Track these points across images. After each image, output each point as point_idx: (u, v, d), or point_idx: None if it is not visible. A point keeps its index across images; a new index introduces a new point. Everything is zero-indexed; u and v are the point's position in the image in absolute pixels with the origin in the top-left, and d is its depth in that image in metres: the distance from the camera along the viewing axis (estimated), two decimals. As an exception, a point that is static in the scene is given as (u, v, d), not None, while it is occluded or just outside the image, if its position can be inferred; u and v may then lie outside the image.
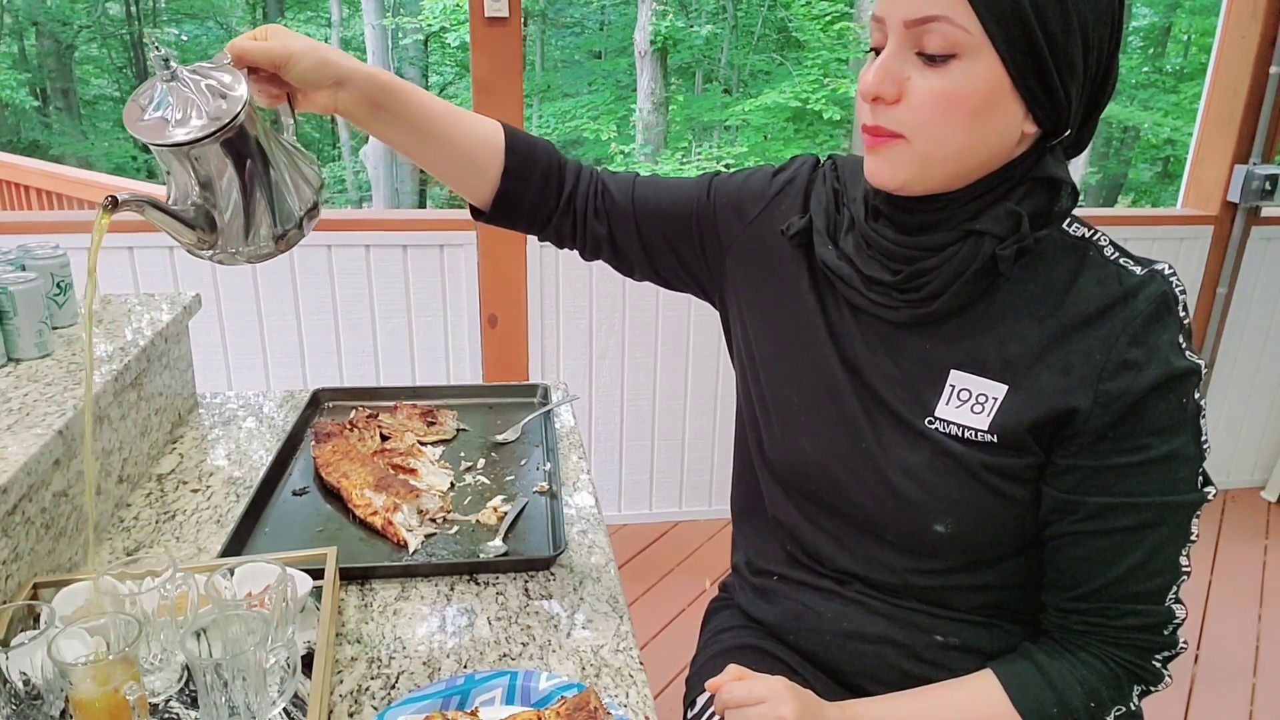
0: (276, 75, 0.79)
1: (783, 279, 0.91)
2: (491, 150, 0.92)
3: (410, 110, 0.87)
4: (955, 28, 0.68)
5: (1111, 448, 0.76)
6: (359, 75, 0.82)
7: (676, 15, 9.45)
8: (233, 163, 0.74)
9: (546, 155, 0.96)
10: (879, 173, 0.77)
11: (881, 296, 0.82)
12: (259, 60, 0.77)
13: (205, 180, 0.73)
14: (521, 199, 0.95)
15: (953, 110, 0.71)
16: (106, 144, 12.84)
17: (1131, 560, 0.77)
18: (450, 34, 10.46)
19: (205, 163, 0.73)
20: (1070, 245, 0.80)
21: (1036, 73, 0.70)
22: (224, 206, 0.75)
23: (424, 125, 0.88)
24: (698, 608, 2.37)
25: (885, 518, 0.85)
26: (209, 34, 13.92)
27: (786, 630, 0.96)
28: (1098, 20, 0.70)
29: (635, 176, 0.99)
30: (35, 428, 0.95)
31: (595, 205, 0.97)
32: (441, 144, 0.90)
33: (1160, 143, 10.89)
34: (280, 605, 0.78)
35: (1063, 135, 0.74)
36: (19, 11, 12.08)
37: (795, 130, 9.25)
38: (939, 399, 0.81)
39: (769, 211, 0.93)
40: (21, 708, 0.73)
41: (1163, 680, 0.82)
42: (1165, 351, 0.74)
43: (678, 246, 0.98)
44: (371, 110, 0.84)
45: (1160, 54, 11.83)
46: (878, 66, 0.73)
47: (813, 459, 0.89)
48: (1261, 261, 2.82)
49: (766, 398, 0.92)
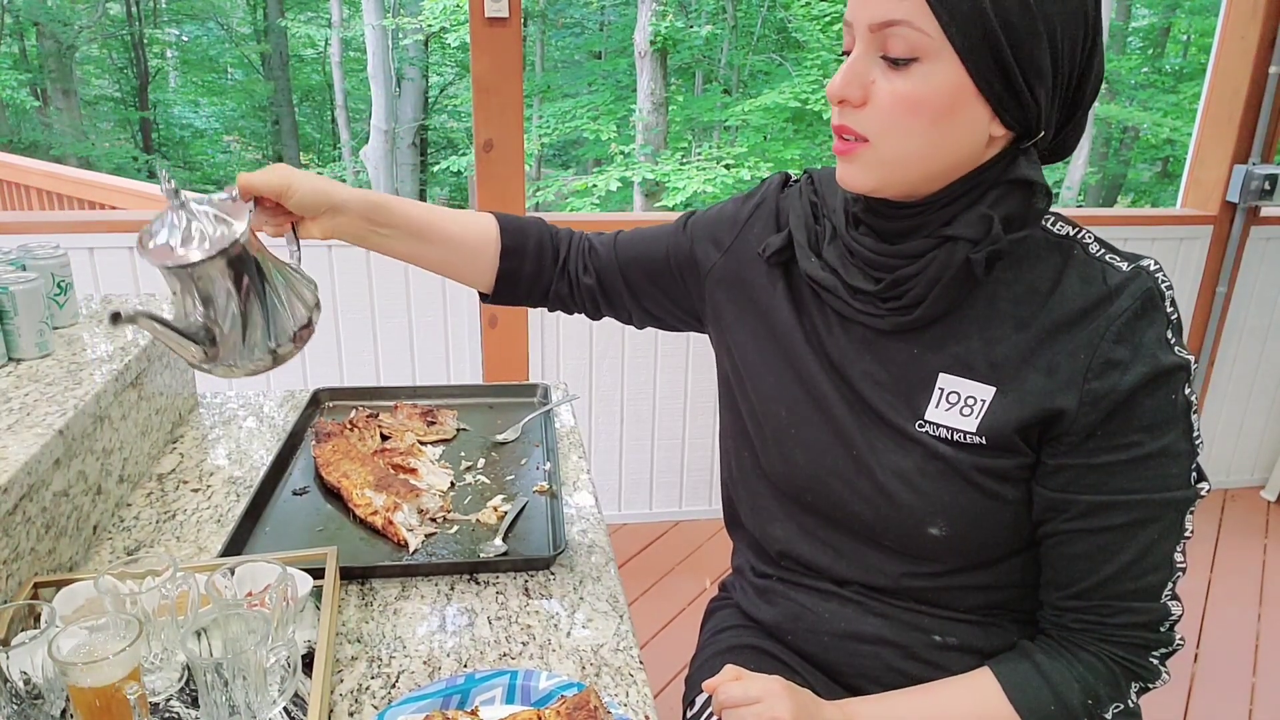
0: (281, 206, 0.86)
1: (762, 298, 0.93)
2: (486, 237, 1.00)
3: (405, 220, 0.94)
4: (916, 31, 0.69)
5: (1101, 446, 0.76)
6: (354, 199, 0.90)
7: (676, 16, 9.45)
8: (232, 282, 0.79)
9: (538, 229, 1.03)
10: (848, 177, 0.78)
11: (866, 305, 0.82)
12: (262, 190, 0.84)
13: (207, 298, 0.79)
14: (520, 273, 1.02)
15: (915, 113, 0.71)
16: (107, 144, 12.86)
17: (1125, 557, 0.77)
18: (450, 34, 10.45)
19: (208, 282, 0.78)
20: (1054, 244, 0.80)
21: (1000, 76, 0.70)
22: (223, 322, 0.80)
23: (420, 230, 0.96)
24: (697, 607, 2.37)
25: (881, 523, 0.85)
26: (209, 34, 13.94)
27: (785, 630, 0.97)
28: (1067, 22, 0.69)
29: (618, 233, 1.06)
30: (35, 427, 0.96)
31: (584, 262, 1.03)
32: (440, 243, 0.98)
33: (1160, 143, 10.89)
34: (280, 605, 0.79)
35: (1036, 137, 0.74)
36: (19, 11, 12.08)
37: (795, 130, 9.25)
38: (928, 402, 0.81)
39: (743, 237, 0.96)
40: (22, 707, 0.73)
41: (1160, 677, 0.82)
42: (1151, 348, 0.74)
43: (663, 285, 1.02)
44: (369, 227, 0.92)
45: (1160, 54, 11.84)
46: (844, 70, 0.74)
47: (806, 470, 0.89)
48: (1260, 261, 2.82)
49: (758, 415, 0.93)
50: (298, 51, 14.51)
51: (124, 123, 13.80)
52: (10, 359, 1.15)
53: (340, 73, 12.28)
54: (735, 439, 0.98)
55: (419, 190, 12.30)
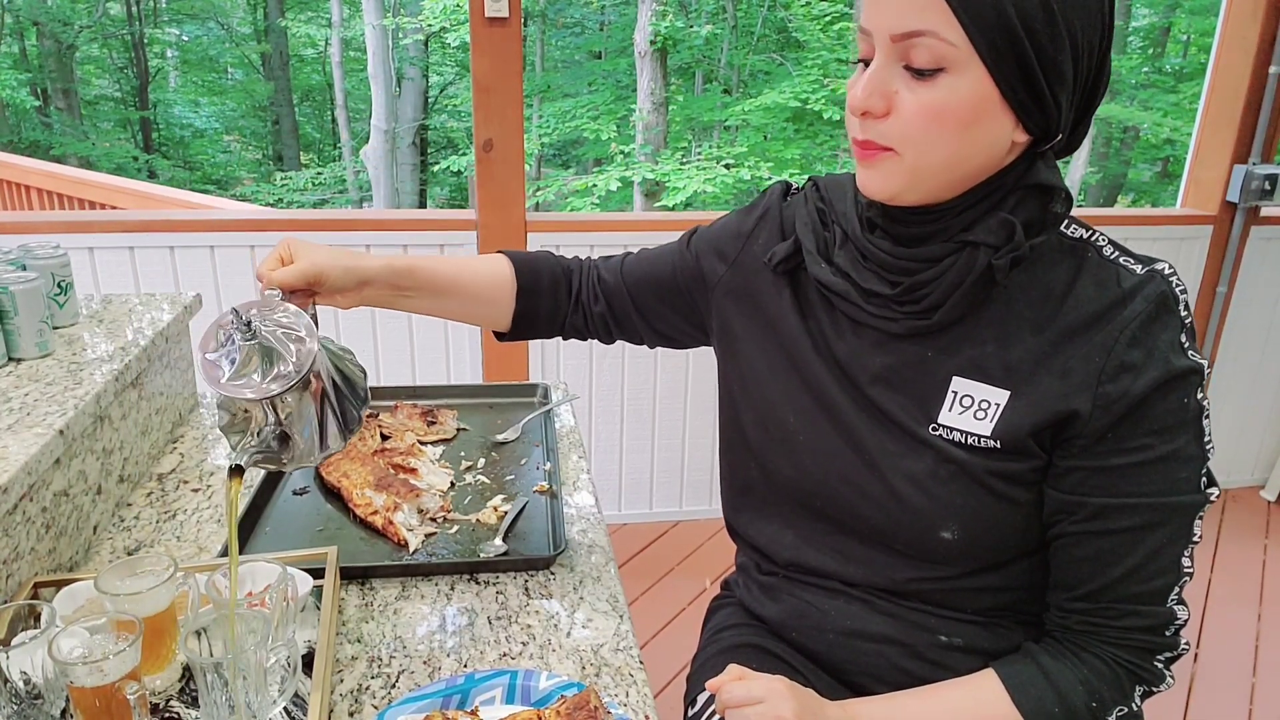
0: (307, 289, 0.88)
1: (768, 307, 0.93)
2: (503, 280, 1.03)
3: (427, 280, 0.98)
4: (942, 42, 0.68)
5: (1113, 448, 0.76)
6: (380, 271, 0.93)
7: (676, 15, 9.44)
8: (311, 393, 0.78)
9: (550, 265, 1.06)
10: (870, 184, 0.77)
11: (880, 309, 0.82)
12: (296, 286, 0.86)
13: (288, 413, 0.77)
14: (538, 312, 1.05)
15: (941, 124, 0.71)
16: (107, 144, 12.85)
17: (1133, 561, 0.77)
18: (450, 34, 10.44)
19: (290, 399, 0.77)
20: (1068, 247, 0.80)
21: (1025, 84, 0.69)
22: (302, 428, 0.79)
23: (443, 289, 1.00)
24: (697, 607, 2.37)
25: (892, 527, 0.85)
26: (209, 34, 13.93)
27: (789, 628, 0.97)
28: (1086, 25, 0.69)
29: (626, 255, 1.08)
30: (36, 427, 0.96)
31: (592, 291, 1.06)
32: (461, 297, 1.02)
33: (1160, 143, 10.87)
34: (281, 605, 0.79)
35: (1054, 140, 0.74)
36: (20, 11, 12.08)
37: (795, 130, 9.24)
38: (941, 406, 0.81)
39: (748, 248, 0.96)
40: (22, 707, 0.73)
41: (1164, 681, 0.81)
42: (1165, 351, 0.74)
43: (672, 304, 1.03)
44: (395, 294, 0.96)
45: (1160, 54, 11.84)
46: (865, 81, 0.72)
47: (815, 475, 0.89)
48: (1261, 261, 2.82)
49: (765, 423, 0.93)
50: (298, 51, 14.51)
51: (124, 122, 13.80)
52: (10, 359, 1.15)
53: (340, 72, 12.28)
54: (739, 451, 0.98)
55: (419, 189, 12.30)
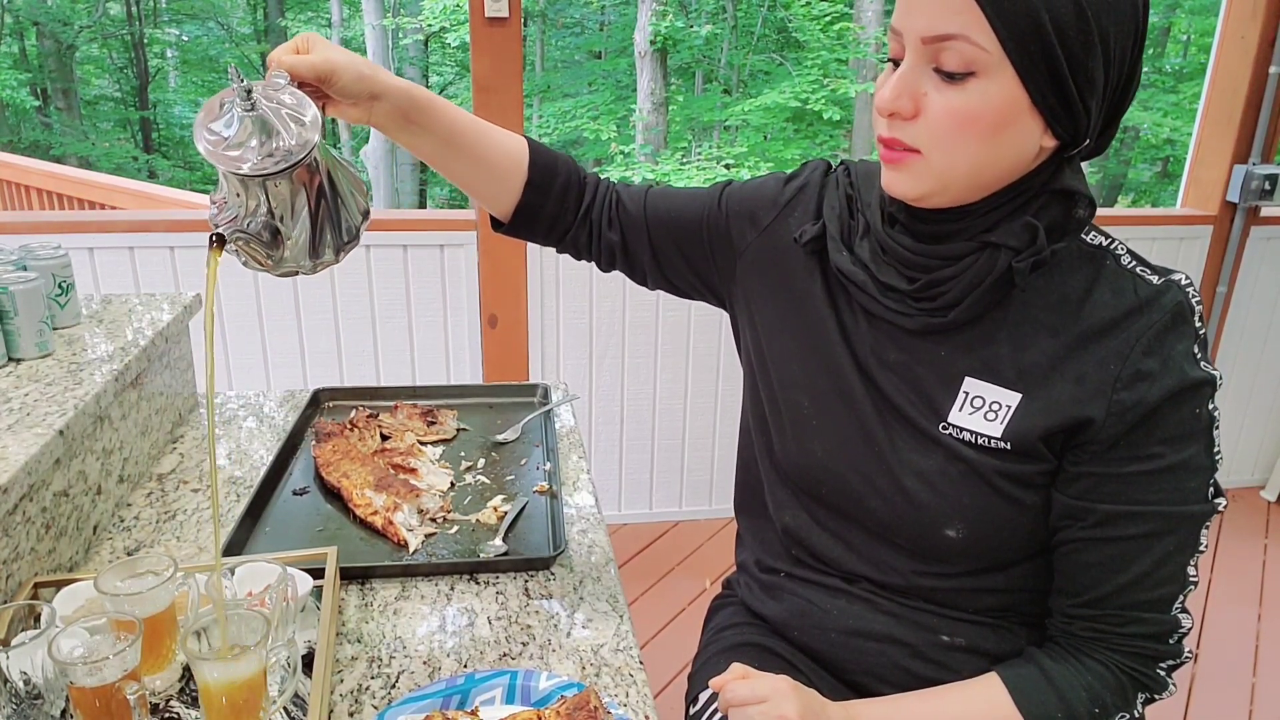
0: (316, 86, 0.80)
1: (796, 285, 0.92)
2: (515, 163, 0.95)
3: (440, 123, 0.89)
4: (973, 46, 0.67)
5: (1123, 456, 0.76)
6: (394, 89, 0.84)
7: (676, 15, 9.44)
8: (305, 185, 0.76)
9: (567, 169, 0.98)
10: (896, 185, 0.76)
11: (896, 303, 0.82)
12: (305, 75, 0.79)
13: (280, 202, 0.75)
14: (541, 211, 0.97)
15: (970, 128, 0.70)
16: (107, 144, 12.85)
17: (1139, 568, 0.77)
18: (450, 34, 10.45)
19: (283, 186, 0.74)
20: (1087, 254, 0.79)
21: (1056, 90, 0.69)
22: (293, 224, 0.76)
23: (452, 138, 0.91)
24: (698, 607, 2.37)
25: (897, 522, 0.85)
26: (209, 34, 13.92)
27: (791, 627, 0.97)
28: (1120, 32, 0.68)
29: (649, 187, 1.01)
30: (36, 427, 0.96)
31: (609, 215, 0.99)
32: (468, 156, 0.93)
33: (1160, 143, 10.87)
34: (280, 605, 0.79)
35: (1081, 146, 0.74)
36: (19, 11, 12.08)
37: (795, 130, 9.24)
38: (952, 405, 0.81)
39: (782, 219, 0.94)
40: (22, 707, 0.73)
41: (1167, 689, 0.82)
42: (1180, 361, 0.74)
43: (689, 253, 0.99)
44: (403, 123, 0.87)
45: (1160, 54, 11.83)
46: (894, 81, 0.72)
47: (824, 462, 0.89)
48: (1261, 261, 2.82)
49: (778, 401, 0.92)
50: (298, 51, 14.48)
51: (124, 122, 13.80)
52: (10, 359, 1.15)
53: (340, 73, 12.25)
54: (757, 422, 0.97)
55: (419, 189, 12.29)
